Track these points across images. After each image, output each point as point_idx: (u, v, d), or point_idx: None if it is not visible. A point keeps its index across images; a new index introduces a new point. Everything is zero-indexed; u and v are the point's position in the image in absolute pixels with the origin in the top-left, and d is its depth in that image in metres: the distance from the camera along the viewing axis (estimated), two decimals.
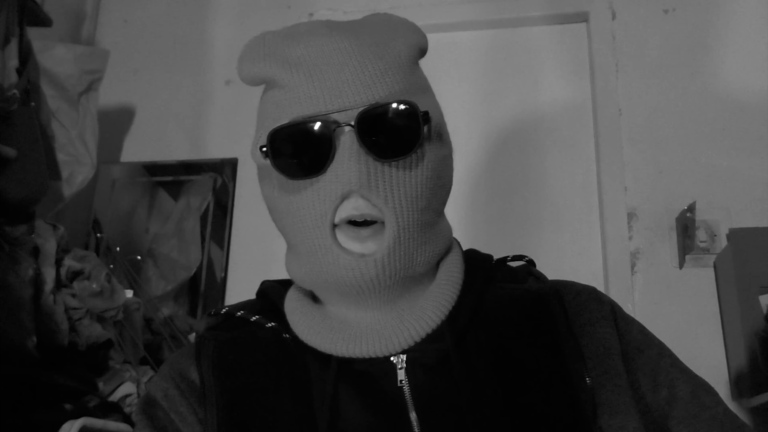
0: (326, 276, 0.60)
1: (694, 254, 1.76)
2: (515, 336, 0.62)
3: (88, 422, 1.21)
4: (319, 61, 0.60)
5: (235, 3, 2.27)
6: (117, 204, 2.12)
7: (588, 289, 0.68)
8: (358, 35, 0.62)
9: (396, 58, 0.62)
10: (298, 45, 0.62)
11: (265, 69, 0.62)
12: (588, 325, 0.63)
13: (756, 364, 1.54)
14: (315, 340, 0.62)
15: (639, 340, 0.64)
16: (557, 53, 2.07)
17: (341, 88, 0.58)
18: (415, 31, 0.66)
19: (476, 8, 2.07)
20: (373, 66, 0.59)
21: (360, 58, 0.60)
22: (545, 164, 1.97)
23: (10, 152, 1.40)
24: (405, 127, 0.58)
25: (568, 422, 0.57)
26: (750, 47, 1.92)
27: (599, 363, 0.61)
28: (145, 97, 2.23)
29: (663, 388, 0.62)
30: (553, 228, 1.92)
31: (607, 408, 0.58)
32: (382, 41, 0.62)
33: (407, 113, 0.58)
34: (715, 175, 1.84)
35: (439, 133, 0.64)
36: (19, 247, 1.38)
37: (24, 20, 1.57)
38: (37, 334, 1.33)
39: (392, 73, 0.60)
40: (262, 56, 0.64)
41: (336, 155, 0.57)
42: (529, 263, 0.72)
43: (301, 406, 0.59)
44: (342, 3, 2.16)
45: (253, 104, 0.69)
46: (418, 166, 0.60)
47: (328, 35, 0.61)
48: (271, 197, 0.64)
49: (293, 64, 0.61)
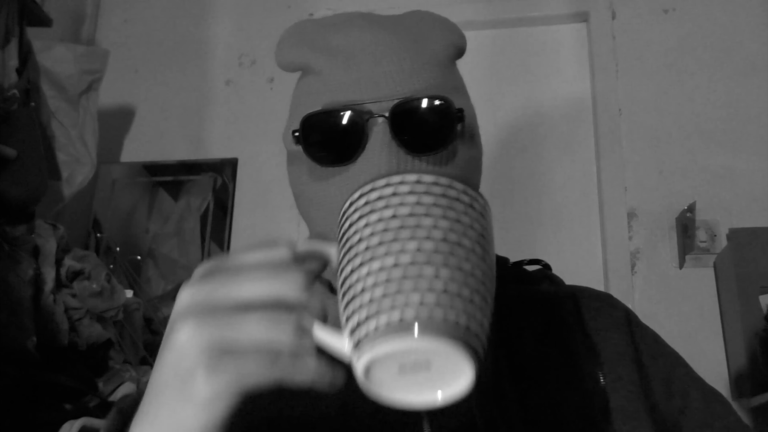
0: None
1: (694, 254, 1.76)
2: (529, 337, 0.62)
3: (88, 422, 1.21)
4: (357, 51, 0.60)
5: (235, 3, 2.27)
6: (117, 204, 2.12)
7: (604, 296, 0.67)
8: (397, 30, 0.62)
9: (433, 55, 0.61)
10: (336, 34, 0.62)
11: (302, 55, 0.62)
12: (603, 330, 0.63)
13: (756, 364, 1.54)
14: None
15: (653, 348, 0.64)
16: (557, 53, 2.07)
17: (377, 79, 0.58)
18: (454, 30, 0.66)
19: (476, 8, 2.07)
20: (410, 60, 0.59)
21: (398, 51, 0.59)
22: (545, 164, 1.97)
23: (10, 152, 1.40)
24: (438, 122, 0.58)
25: (580, 424, 0.57)
26: (750, 47, 1.92)
27: (613, 368, 0.60)
28: (145, 97, 2.23)
29: (676, 396, 0.61)
30: (553, 228, 1.92)
31: (620, 413, 0.58)
32: (421, 37, 0.62)
33: (442, 109, 0.58)
34: (715, 175, 1.84)
35: (472, 134, 0.64)
36: (19, 247, 1.38)
37: (24, 20, 1.57)
38: (37, 334, 1.33)
39: (429, 68, 0.60)
40: (300, 42, 0.63)
41: (367, 146, 0.57)
42: (545, 267, 0.72)
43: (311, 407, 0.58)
44: (342, 3, 2.16)
45: (254, 104, 0.69)
46: (447, 164, 0.59)
47: (368, 27, 0.61)
48: (299, 183, 0.63)
49: (331, 51, 0.61)
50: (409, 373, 0.35)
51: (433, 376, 0.35)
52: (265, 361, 0.35)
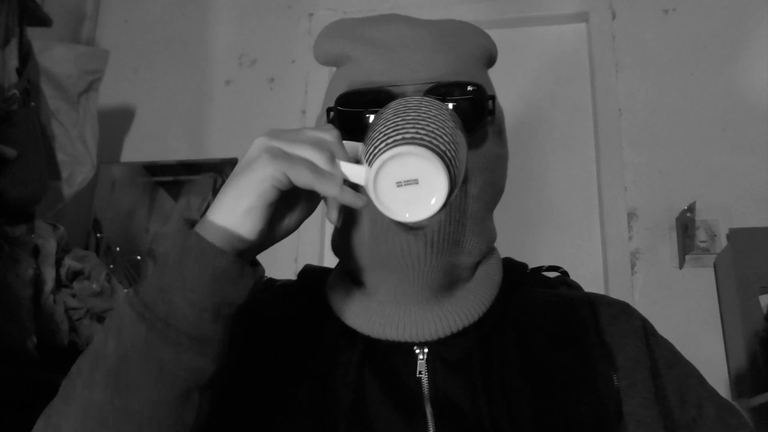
0: (374, 249, 0.60)
1: (694, 254, 1.76)
2: (543, 338, 0.62)
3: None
4: (394, 44, 0.62)
5: (235, 3, 2.27)
6: (117, 204, 2.12)
7: (620, 303, 0.68)
8: (433, 28, 0.64)
9: (468, 54, 0.64)
10: (373, 27, 0.64)
11: (339, 45, 0.65)
12: (619, 336, 0.63)
13: (756, 364, 1.54)
14: (352, 319, 0.62)
15: (668, 357, 0.64)
16: (557, 53, 2.07)
17: (412, 66, 0.60)
18: (487, 38, 0.69)
19: (476, 8, 2.07)
20: (446, 53, 0.62)
21: (433, 45, 0.62)
22: (545, 164, 1.97)
23: (10, 152, 1.40)
24: (470, 107, 0.60)
25: (593, 427, 0.57)
26: (750, 47, 1.92)
27: (628, 374, 0.61)
28: (145, 97, 2.23)
29: (691, 406, 0.61)
30: (553, 228, 1.92)
31: (633, 419, 0.58)
32: (456, 37, 0.65)
33: (474, 93, 0.60)
34: (715, 175, 1.84)
35: (500, 131, 0.66)
36: (19, 247, 1.38)
37: (24, 20, 1.57)
38: (37, 334, 1.33)
39: (463, 62, 0.63)
40: (338, 35, 0.66)
41: None
42: (564, 274, 0.73)
43: (321, 374, 0.60)
44: (342, 3, 2.16)
45: (254, 104, 0.69)
46: (476, 152, 0.61)
47: (404, 23, 0.64)
48: None
49: (367, 42, 0.63)
50: (404, 187, 0.50)
51: (420, 191, 0.49)
52: (306, 167, 0.49)
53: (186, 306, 0.48)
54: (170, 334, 0.47)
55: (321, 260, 1.94)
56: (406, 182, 0.50)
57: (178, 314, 0.48)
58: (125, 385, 0.47)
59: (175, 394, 0.48)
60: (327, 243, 1.98)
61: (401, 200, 0.50)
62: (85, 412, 0.48)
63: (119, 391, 0.47)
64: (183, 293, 0.48)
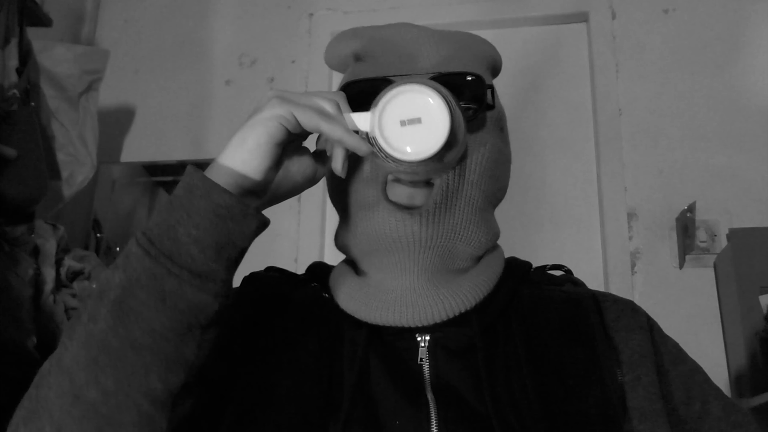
0: (371, 230, 0.61)
1: (694, 254, 1.76)
2: (549, 332, 0.62)
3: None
4: (401, 40, 0.66)
5: (235, 3, 2.27)
6: (117, 204, 2.12)
7: (625, 300, 0.68)
8: (441, 34, 0.68)
9: (472, 54, 0.67)
10: (384, 29, 0.68)
11: (350, 45, 0.68)
12: (624, 331, 0.64)
13: (756, 364, 1.54)
14: (351, 305, 0.63)
15: (673, 354, 0.64)
16: (557, 53, 2.07)
17: (417, 58, 0.64)
18: (493, 48, 0.73)
19: (476, 8, 2.07)
20: (449, 50, 0.65)
21: (439, 44, 0.66)
22: (545, 164, 1.97)
23: (10, 152, 1.40)
24: (470, 96, 0.63)
25: (598, 420, 0.57)
26: (750, 47, 1.92)
27: (633, 368, 0.61)
28: (145, 97, 2.23)
29: (696, 402, 0.62)
30: (553, 228, 1.92)
31: (637, 413, 0.59)
32: (462, 42, 0.68)
33: (475, 83, 0.63)
34: (715, 175, 1.84)
35: (501, 127, 0.69)
36: (19, 247, 1.38)
37: (24, 20, 1.57)
38: (37, 334, 1.34)
39: (467, 59, 0.66)
40: (349, 37, 0.70)
41: None
42: (567, 272, 0.73)
43: (328, 358, 0.61)
44: (342, 3, 2.16)
45: (253, 104, 0.69)
46: (475, 138, 0.63)
47: (413, 27, 0.68)
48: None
49: (376, 40, 0.67)
50: (407, 126, 0.53)
51: (423, 130, 0.53)
52: (313, 112, 0.53)
53: (190, 242, 0.50)
54: (173, 269, 0.50)
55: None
56: (409, 121, 0.53)
57: (182, 250, 0.50)
58: (127, 314, 0.49)
59: (176, 326, 0.50)
60: (327, 243, 1.98)
61: (404, 138, 0.53)
62: (88, 341, 0.49)
63: (121, 319, 0.49)
64: (187, 230, 0.50)
